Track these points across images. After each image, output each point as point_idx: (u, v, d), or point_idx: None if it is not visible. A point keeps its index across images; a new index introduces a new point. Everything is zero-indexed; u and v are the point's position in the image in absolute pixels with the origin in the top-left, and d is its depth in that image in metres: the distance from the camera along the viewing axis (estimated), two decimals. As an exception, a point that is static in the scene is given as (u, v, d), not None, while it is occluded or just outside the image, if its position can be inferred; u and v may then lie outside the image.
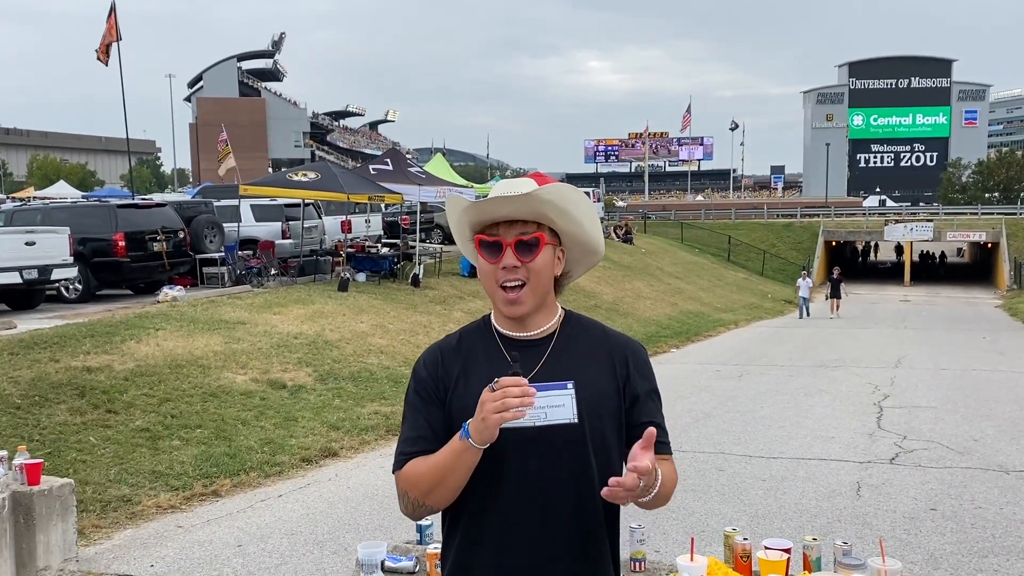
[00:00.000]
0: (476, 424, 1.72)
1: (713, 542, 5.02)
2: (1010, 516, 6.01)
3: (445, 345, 1.97)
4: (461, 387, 1.88)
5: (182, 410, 8.43)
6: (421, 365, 1.95)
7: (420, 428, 1.87)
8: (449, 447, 1.79)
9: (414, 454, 1.85)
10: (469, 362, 1.91)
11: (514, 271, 1.86)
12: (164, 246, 14.59)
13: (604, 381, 1.93)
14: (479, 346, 1.94)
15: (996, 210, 46.47)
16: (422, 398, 1.90)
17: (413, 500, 1.85)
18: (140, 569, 5.14)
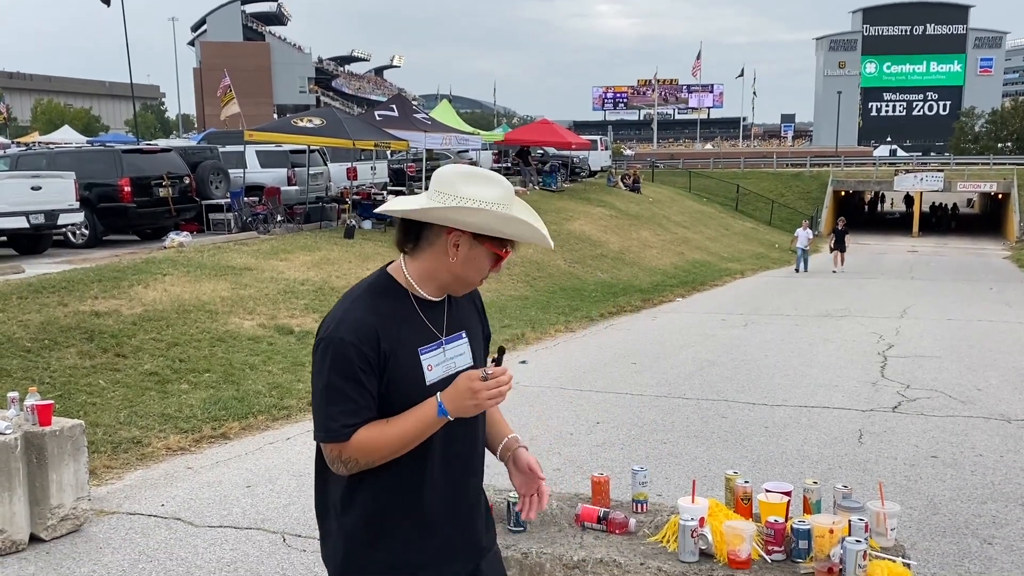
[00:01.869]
0: (463, 406, 1.96)
1: (714, 487, 5.08)
2: (1010, 464, 6.07)
3: (371, 319, 2.01)
4: (395, 355, 2.01)
5: (190, 354, 8.50)
6: (357, 341, 1.97)
7: (365, 401, 1.98)
8: (419, 420, 1.97)
9: (358, 424, 1.96)
10: (396, 331, 2.03)
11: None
12: (170, 192, 14.57)
13: (475, 322, 2.25)
14: (399, 312, 2.06)
15: (1008, 160, 45.95)
16: (363, 371, 1.97)
17: (363, 463, 1.98)
18: (151, 508, 5.24)
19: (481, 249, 2.05)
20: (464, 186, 2.01)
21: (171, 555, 4.55)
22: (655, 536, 2.90)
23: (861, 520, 2.64)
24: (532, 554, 2.84)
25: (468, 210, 1.98)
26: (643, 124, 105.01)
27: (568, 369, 9.46)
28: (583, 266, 18.58)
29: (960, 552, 4.55)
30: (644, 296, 16.16)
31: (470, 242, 2.04)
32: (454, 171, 2.05)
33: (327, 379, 1.97)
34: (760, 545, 2.71)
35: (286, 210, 16.70)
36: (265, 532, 4.86)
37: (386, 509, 2.05)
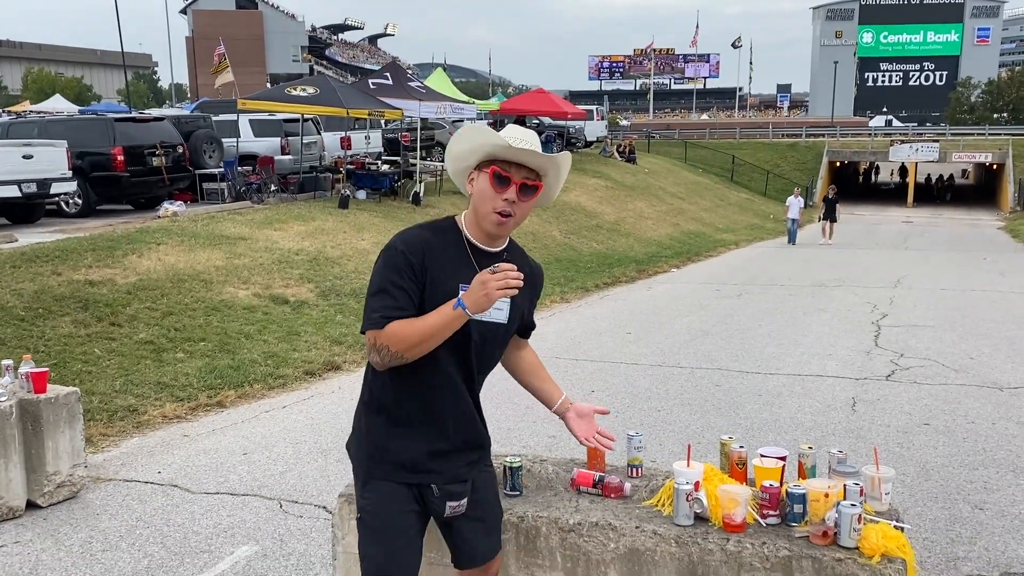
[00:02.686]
0: (476, 298, 2.22)
1: (708, 454, 5.12)
2: (1002, 431, 6.12)
3: (425, 238, 2.37)
4: (438, 279, 2.33)
5: (185, 323, 8.49)
6: (406, 250, 2.32)
7: (400, 299, 2.29)
8: (441, 315, 2.27)
9: (395, 318, 2.28)
10: (444, 261, 2.35)
11: (510, 205, 2.33)
12: (163, 161, 14.46)
13: (522, 295, 2.41)
14: (451, 248, 2.39)
15: (1004, 131, 45.86)
16: (408, 278, 2.30)
17: (393, 353, 2.29)
18: (148, 475, 5.26)
19: (483, 175, 2.35)
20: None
21: (168, 521, 4.57)
22: (650, 500, 2.92)
23: (856, 484, 2.66)
24: (528, 517, 2.86)
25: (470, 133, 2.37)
26: (639, 94, 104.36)
27: (564, 339, 9.47)
28: (578, 237, 18.55)
29: (951, 517, 4.59)
30: (639, 267, 16.17)
31: (478, 173, 2.38)
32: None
33: (379, 277, 2.33)
34: (755, 509, 2.73)
35: (280, 180, 16.60)
36: (262, 498, 4.88)
37: (406, 411, 2.41)
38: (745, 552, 2.60)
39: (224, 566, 4.04)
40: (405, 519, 2.44)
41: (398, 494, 2.43)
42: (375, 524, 2.43)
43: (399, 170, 18.21)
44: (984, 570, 3.99)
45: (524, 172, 2.35)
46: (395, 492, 2.43)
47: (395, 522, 2.42)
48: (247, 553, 4.18)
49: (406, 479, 2.43)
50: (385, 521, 2.43)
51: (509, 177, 2.32)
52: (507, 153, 2.33)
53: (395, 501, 2.43)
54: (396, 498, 2.43)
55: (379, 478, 2.44)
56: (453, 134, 2.42)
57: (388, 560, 2.42)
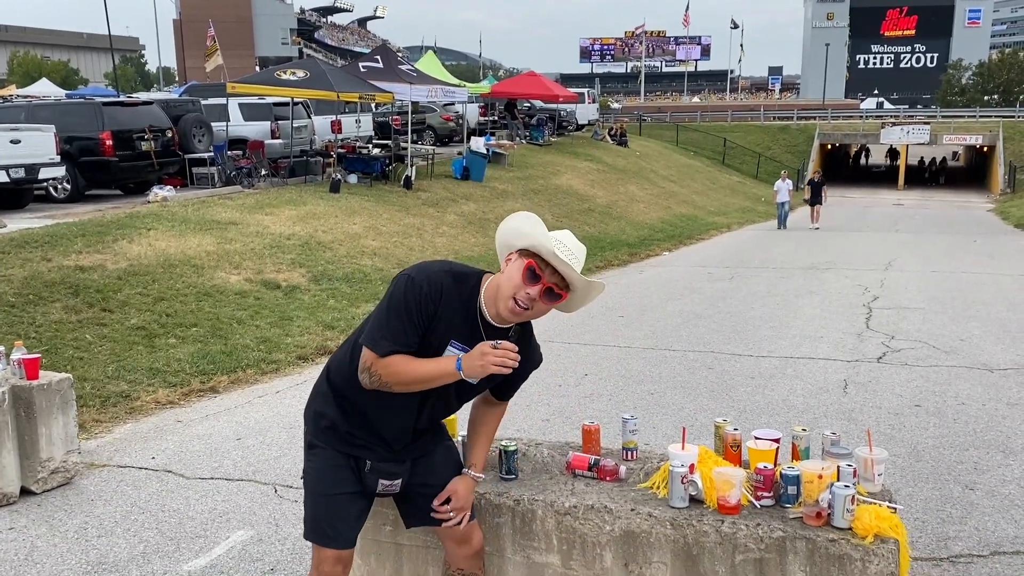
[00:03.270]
0: (474, 365, 2.38)
1: (701, 436, 5.13)
2: (992, 412, 6.16)
3: (447, 286, 2.45)
4: (439, 328, 2.45)
5: (177, 309, 8.46)
6: (429, 292, 2.41)
7: (409, 336, 2.42)
8: (440, 367, 2.43)
9: (399, 351, 2.41)
10: (452, 314, 2.45)
11: (531, 300, 2.42)
12: (152, 145, 14.36)
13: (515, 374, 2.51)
14: (463, 305, 2.48)
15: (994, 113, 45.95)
16: (418, 315, 2.41)
17: (383, 382, 2.43)
18: (142, 461, 5.26)
19: (519, 262, 2.43)
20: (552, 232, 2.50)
21: (163, 506, 4.57)
22: (645, 483, 2.93)
23: (850, 466, 2.68)
24: (524, 501, 2.87)
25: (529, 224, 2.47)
26: (630, 77, 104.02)
27: (556, 322, 9.46)
28: (570, 220, 18.54)
29: (942, 497, 4.63)
30: (631, 250, 16.18)
31: (516, 257, 2.46)
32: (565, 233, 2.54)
33: (395, 303, 2.41)
34: (749, 491, 2.74)
35: (270, 164, 16.51)
36: (256, 483, 4.88)
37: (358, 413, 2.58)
38: (740, 533, 2.62)
39: (220, 551, 4.05)
40: (341, 485, 2.61)
41: (335, 460, 2.61)
42: (313, 486, 2.64)
43: (390, 154, 18.14)
44: (975, 549, 4.03)
45: (556, 278, 2.43)
46: (333, 458, 2.61)
47: (331, 487, 2.61)
48: (242, 538, 4.18)
49: (342, 448, 2.61)
50: (321, 485, 2.62)
51: (541, 277, 2.41)
52: (550, 257, 2.42)
53: (332, 467, 2.61)
54: (333, 464, 2.61)
55: (320, 445, 2.63)
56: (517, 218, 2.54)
57: (322, 521, 2.61)
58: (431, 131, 27.24)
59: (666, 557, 2.71)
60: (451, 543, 2.77)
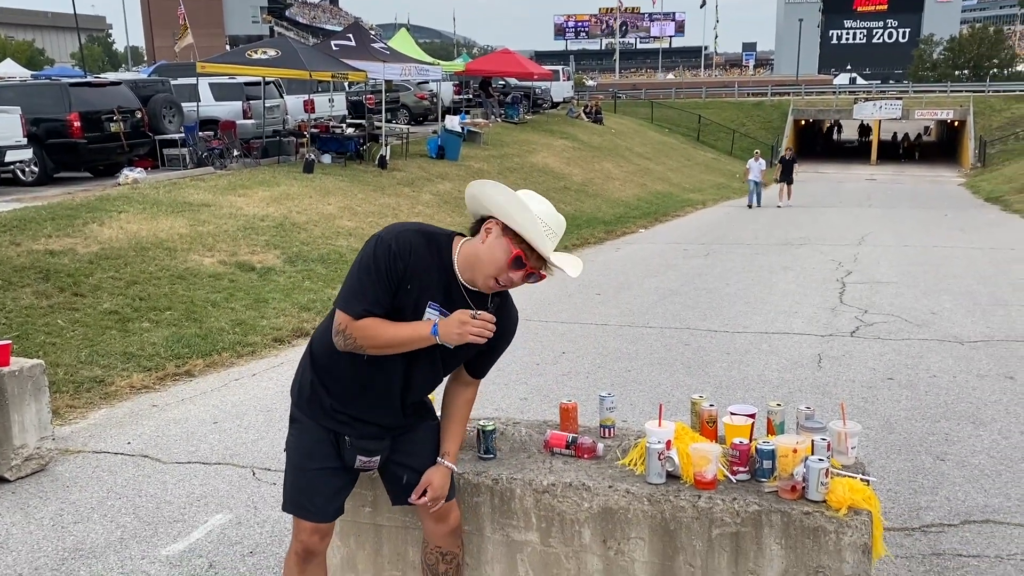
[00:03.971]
0: (451, 332, 2.37)
1: (678, 412, 5.18)
2: (962, 384, 6.26)
3: (418, 246, 2.41)
4: (412, 289, 2.41)
5: (150, 292, 8.37)
6: (398, 252, 2.37)
7: (381, 298, 2.39)
8: (415, 331, 2.41)
9: (372, 313, 2.39)
10: (426, 275, 2.42)
11: (511, 282, 2.43)
12: (121, 127, 14.12)
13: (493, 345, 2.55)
14: (436, 267, 2.44)
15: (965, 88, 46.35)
16: (388, 274, 2.37)
17: (357, 344, 2.41)
18: (117, 446, 5.21)
19: (504, 243, 2.38)
20: (528, 199, 2.44)
21: (140, 492, 4.54)
22: (623, 460, 2.95)
23: (824, 440, 2.71)
24: (503, 480, 2.88)
25: (513, 203, 2.38)
26: (605, 54, 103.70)
27: (533, 301, 9.49)
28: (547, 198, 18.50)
29: (914, 468, 4.71)
30: (607, 228, 16.20)
31: (499, 232, 2.39)
32: (530, 193, 2.49)
33: (366, 265, 2.38)
34: (726, 466, 2.77)
35: (243, 144, 16.31)
36: (234, 467, 4.86)
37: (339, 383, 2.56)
38: (716, 508, 2.65)
39: (198, 535, 4.04)
40: (321, 460, 2.61)
41: (316, 434, 2.61)
42: (294, 459, 2.65)
43: (364, 133, 17.98)
44: (946, 519, 4.11)
45: (540, 262, 2.42)
46: (314, 432, 2.61)
47: (311, 460, 2.62)
48: (221, 521, 4.17)
49: (324, 423, 2.60)
50: (301, 457, 2.63)
51: (526, 265, 2.39)
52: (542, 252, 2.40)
53: (313, 441, 2.61)
54: (314, 438, 2.61)
55: (302, 418, 2.63)
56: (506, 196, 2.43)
57: (302, 494, 2.63)
58: (405, 110, 27.03)
59: (644, 533, 2.73)
60: (429, 521, 2.79)
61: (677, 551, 2.70)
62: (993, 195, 23.64)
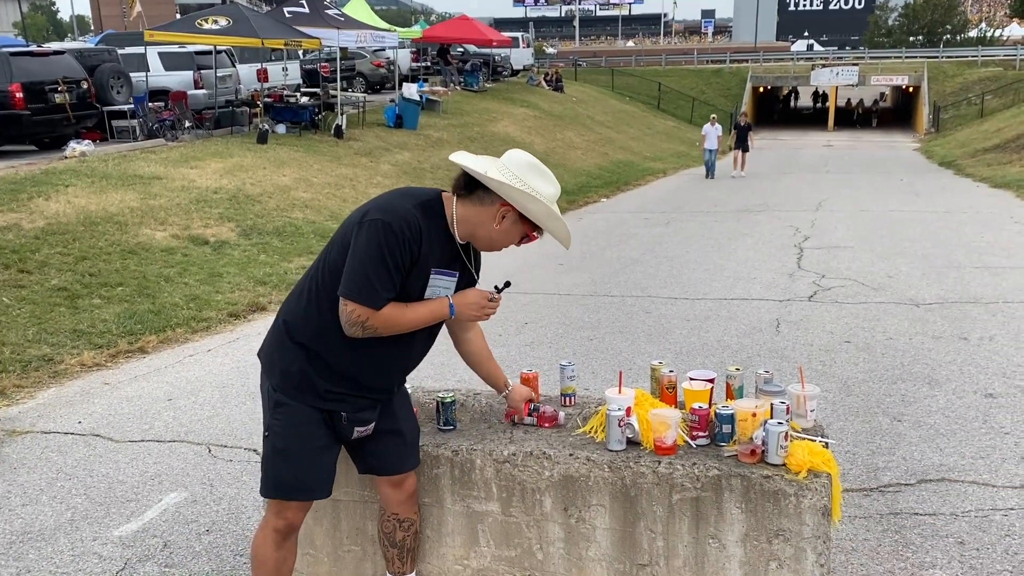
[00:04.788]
0: (469, 313, 2.53)
1: (639, 379, 5.18)
2: (918, 345, 6.35)
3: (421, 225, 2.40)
4: (424, 265, 2.44)
5: (100, 268, 8.15)
6: (409, 235, 2.36)
7: (396, 283, 2.39)
8: (433, 312, 2.49)
9: (389, 300, 2.39)
10: (433, 247, 2.44)
11: None
12: (67, 98, 13.67)
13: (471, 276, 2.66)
14: (438, 234, 2.47)
15: (919, 54, 46.81)
16: (403, 261, 2.37)
17: (375, 330, 2.41)
18: (68, 426, 5.08)
19: (519, 227, 2.50)
20: (533, 178, 2.46)
21: (91, 472, 4.42)
22: (583, 427, 2.92)
23: (783, 403, 2.70)
24: (463, 451, 2.83)
25: (530, 198, 2.43)
26: (565, 21, 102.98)
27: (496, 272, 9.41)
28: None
29: (872, 430, 4.77)
30: (569, 198, 16.15)
31: (515, 218, 2.47)
32: (528, 162, 2.49)
33: (377, 251, 2.33)
34: (685, 431, 2.75)
35: (194, 115, 15.92)
36: (189, 444, 4.76)
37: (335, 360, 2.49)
38: (676, 473, 2.63)
39: (152, 514, 3.94)
40: (313, 442, 2.54)
41: (309, 415, 2.53)
42: (282, 445, 2.54)
43: (319, 102, 17.65)
44: (903, 478, 4.16)
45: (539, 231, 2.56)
46: (306, 413, 2.53)
47: (303, 444, 2.53)
48: (176, 500, 4.08)
49: (317, 404, 2.53)
50: (292, 443, 2.53)
51: (532, 238, 2.55)
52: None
53: (304, 424, 2.53)
54: (306, 421, 2.53)
55: (291, 401, 2.53)
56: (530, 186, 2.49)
57: (294, 480, 2.55)
58: (361, 78, 26.60)
59: (604, 500, 2.71)
60: (386, 487, 2.76)
61: (638, 517, 2.69)
62: (946, 160, 24.00)
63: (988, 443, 4.53)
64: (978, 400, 5.18)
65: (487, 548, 2.88)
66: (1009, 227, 11.79)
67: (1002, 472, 4.18)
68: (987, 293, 7.92)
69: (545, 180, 2.50)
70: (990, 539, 3.56)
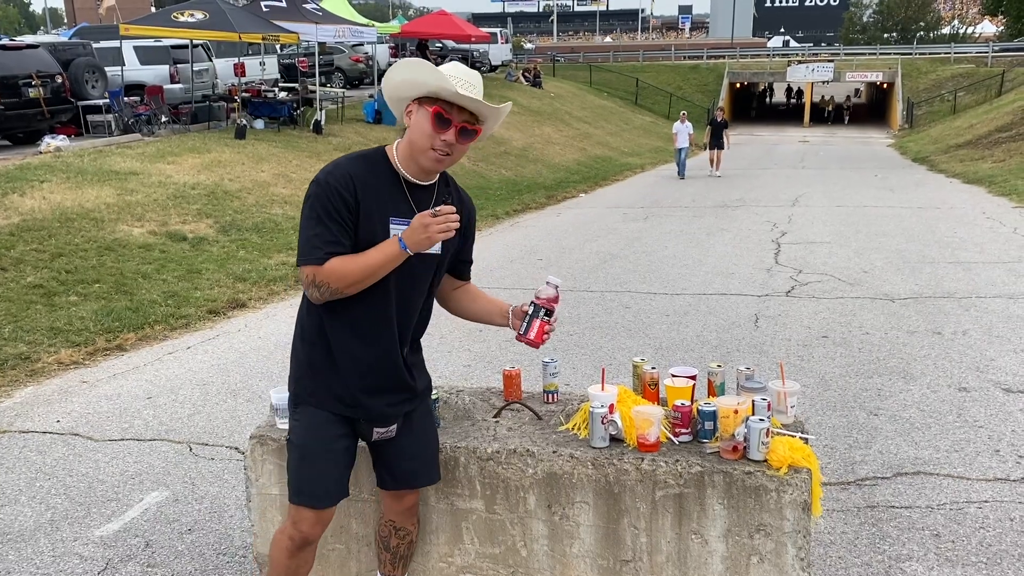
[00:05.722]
0: (418, 239, 2.28)
1: (621, 375, 5.22)
2: (894, 340, 6.44)
3: (356, 171, 2.34)
4: (371, 214, 2.33)
5: (77, 265, 8.07)
6: (339, 185, 2.29)
7: (339, 235, 2.30)
8: (383, 253, 2.30)
9: (335, 253, 2.29)
10: (376, 194, 2.35)
11: (449, 146, 2.33)
12: (41, 92, 13.50)
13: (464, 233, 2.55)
14: (383, 181, 2.38)
15: (893, 50, 47.28)
16: (338, 210, 2.28)
17: (333, 289, 2.31)
18: (46, 425, 5.03)
19: (424, 111, 2.31)
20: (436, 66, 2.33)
21: (70, 471, 4.39)
22: (566, 424, 2.94)
23: (764, 400, 2.74)
24: (446, 449, 2.85)
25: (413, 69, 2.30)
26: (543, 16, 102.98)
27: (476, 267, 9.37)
28: (487, 164, 18.39)
29: (849, 424, 4.83)
30: (548, 193, 16.18)
31: (417, 106, 2.33)
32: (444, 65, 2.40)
33: (310, 212, 2.30)
34: (668, 428, 2.78)
35: (171, 110, 15.77)
36: (170, 443, 4.74)
37: (339, 344, 2.43)
38: (659, 470, 2.66)
39: (133, 513, 3.92)
40: (331, 443, 2.50)
41: (327, 420, 2.49)
42: (302, 445, 2.51)
43: (298, 97, 17.55)
44: (879, 472, 4.22)
45: (466, 115, 2.33)
46: (324, 418, 2.49)
47: (321, 446, 2.49)
48: (157, 499, 4.06)
49: (334, 409, 2.48)
50: (311, 445, 2.49)
51: (451, 119, 2.31)
52: (453, 97, 2.29)
53: (323, 426, 2.49)
54: (324, 423, 2.49)
55: (309, 404, 2.50)
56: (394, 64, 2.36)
57: (313, 481, 2.50)
58: (340, 73, 26.46)
59: (588, 497, 2.74)
60: (388, 498, 2.75)
61: (621, 514, 2.71)
62: (920, 155, 24.28)
63: (962, 436, 4.61)
64: (952, 394, 5.26)
65: (471, 546, 2.90)
66: (982, 223, 11.96)
67: (976, 465, 4.26)
68: (960, 288, 8.04)
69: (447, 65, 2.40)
70: (965, 531, 3.63)
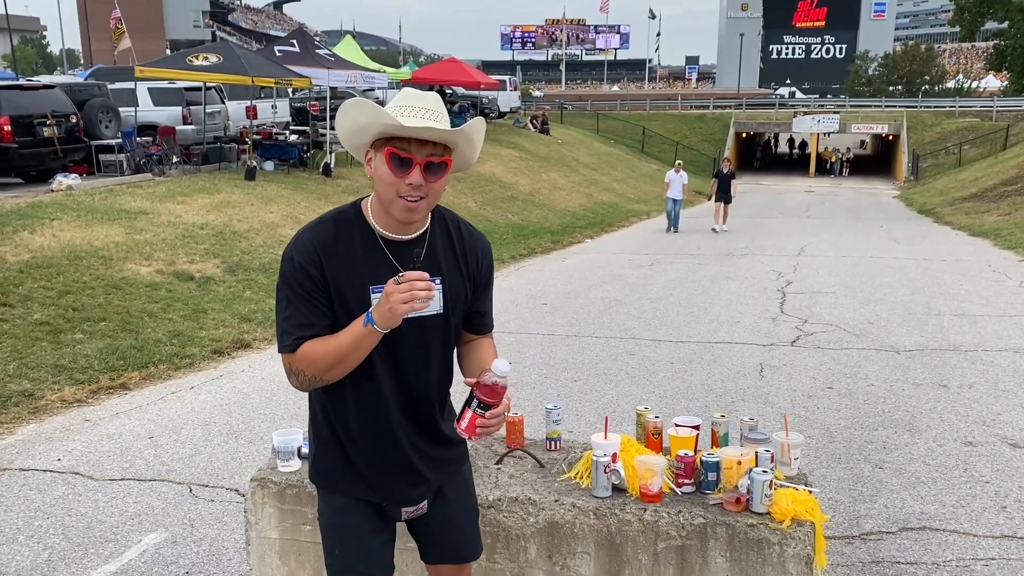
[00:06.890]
0: (382, 312, 1.94)
1: (624, 422, 5.19)
2: (899, 392, 6.41)
3: (323, 239, 2.08)
4: (345, 285, 2.06)
5: (84, 303, 8.11)
6: (302, 260, 2.05)
7: (313, 315, 2.05)
8: (351, 333, 2.01)
9: (307, 337, 2.05)
10: (350, 261, 2.07)
11: (416, 188, 2.00)
12: (55, 131, 13.68)
13: (459, 275, 2.20)
14: (358, 243, 2.09)
15: (898, 103, 47.74)
16: (305, 288, 2.05)
17: (310, 377, 2.07)
18: (47, 463, 5.02)
19: (380, 156, 2.03)
20: None
21: (70, 511, 4.37)
22: (569, 473, 2.93)
23: (767, 451, 2.73)
24: (447, 496, 2.83)
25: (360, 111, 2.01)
26: (551, 65, 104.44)
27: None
28: (493, 208, 18.52)
29: (854, 477, 4.79)
30: (554, 238, 16.26)
31: (375, 153, 2.05)
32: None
33: (279, 293, 2.09)
34: (671, 478, 2.77)
35: (182, 151, 15.96)
36: (170, 483, 4.71)
37: (346, 427, 2.19)
38: (662, 521, 2.64)
39: (131, 555, 3.89)
40: (358, 528, 2.28)
41: (350, 506, 2.28)
42: (329, 530, 2.32)
43: (308, 140, 17.76)
44: (884, 526, 4.18)
45: (428, 148, 2.00)
46: (347, 504, 2.28)
47: (348, 532, 2.28)
48: (156, 540, 4.03)
49: (356, 494, 2.27)
50: (337, 530, 2.30)
51: (411, 158, 1.98)
52: (402, 132, 1.98)
53: (347, 512, 2.28)
54: (348, 509, 2.28)
55: (330, 491, 2.30)
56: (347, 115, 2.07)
57: (344, 565, 2.30)
58: (351, 117, 26.74)
59: (590, 547, 2.71)
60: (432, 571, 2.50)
61: (623, 565, 2.69)
62: (925, 207, 24.37)
63: (968, 492, 4.57)
64: (958, 448, 5.22)
65: (471, 594, 2.86)
66: (987, 275, 11.96)
67: (983, 521, 4.21)
68: (966, 341, 8.02)
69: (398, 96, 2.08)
70: (971, 589, 3.58)
